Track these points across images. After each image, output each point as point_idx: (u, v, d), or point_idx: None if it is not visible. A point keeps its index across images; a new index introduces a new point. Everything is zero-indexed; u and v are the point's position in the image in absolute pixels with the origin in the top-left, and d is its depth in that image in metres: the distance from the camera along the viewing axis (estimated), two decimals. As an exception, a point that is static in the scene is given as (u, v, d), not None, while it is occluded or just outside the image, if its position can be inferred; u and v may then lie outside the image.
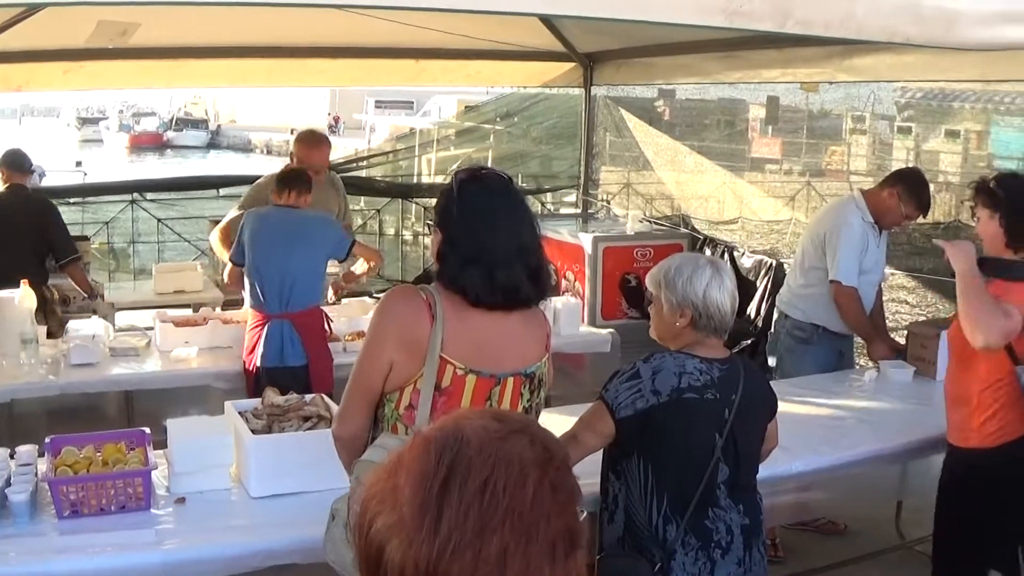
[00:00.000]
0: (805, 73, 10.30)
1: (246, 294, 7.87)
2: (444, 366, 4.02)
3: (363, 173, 15.40)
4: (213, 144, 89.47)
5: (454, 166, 14.70)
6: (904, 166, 9.16)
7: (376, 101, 61.38)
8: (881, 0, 5.66)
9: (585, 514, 1.85)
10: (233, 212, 8.93)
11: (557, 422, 4.96)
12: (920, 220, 8.25)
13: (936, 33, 6.03)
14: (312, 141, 9.31)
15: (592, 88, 13.23)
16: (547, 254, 4.35)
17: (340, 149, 18.15)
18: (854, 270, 7.78)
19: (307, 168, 8.56)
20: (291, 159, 9.27)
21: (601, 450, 4.85)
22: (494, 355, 4.12)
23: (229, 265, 8.14)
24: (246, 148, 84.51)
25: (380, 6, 7.00)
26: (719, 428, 4.65)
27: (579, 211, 13.94)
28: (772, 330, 8.64)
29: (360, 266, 8.50)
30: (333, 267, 8.61)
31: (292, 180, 8.02)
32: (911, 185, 7.84)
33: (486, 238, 4.07)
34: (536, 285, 4.17)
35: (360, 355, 4.23)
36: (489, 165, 16.25)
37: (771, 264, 11.12)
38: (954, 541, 5.86)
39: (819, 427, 6.56)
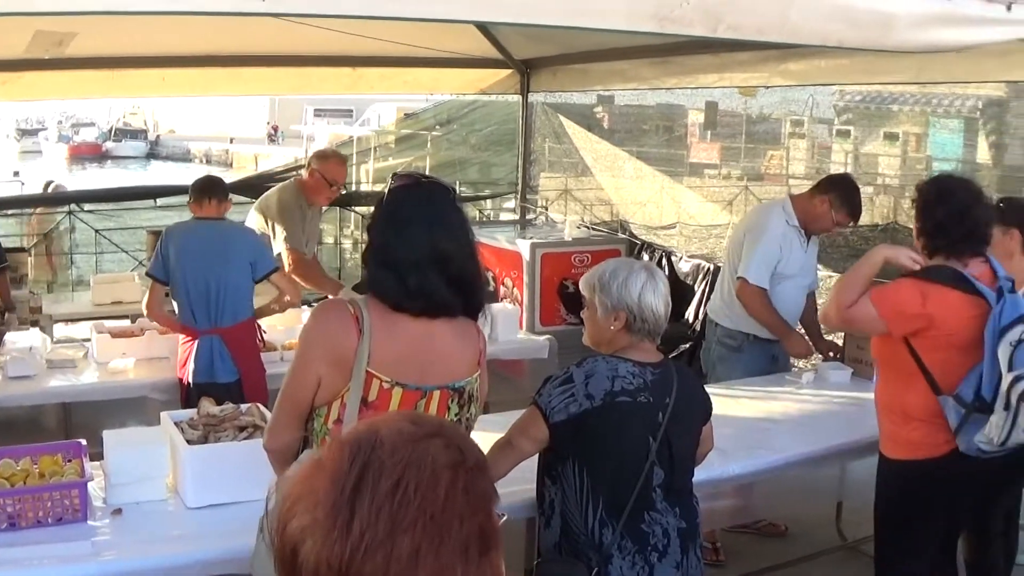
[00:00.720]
0: (741, 78, 10.33)
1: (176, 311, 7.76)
2: (370, 380, 4.01)
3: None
4: (153, 154, 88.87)
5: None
6: (839, 171, 9.16)
7: (315, 110, 61.19)
8: (815, 4, 5.69)
9: (505, 517, 1.86)
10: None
11: (495, 428, 4.99)
12: (855, 223, 8.29)
13: (871, 36, 6.08)
14: (342, 159, 9.53)
15: (529, 95, 13.22)
16: (481, 265, 4.36)
17: (279, 158, 18.11)
18: (763, 271, 7.75)
19: (336, 186, 9.01)
20: (310, 176, 9.27)
21: (537, 455, 4.85)
22: (420, 368, 4.10)
23: (146, 295, 7.93)
24: (185, 158, 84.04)
25: (314, 14, 6.97)
26: (653, 431, 4.66)
27: (517, 218, 13.92)
28: (704, 338, 8.57)
29: (272, 304, 8.31)
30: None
31: (211, 189, 7.95)
32: (843, 192, 7.85)
33: (397, 243, 4.10)
34: (460, 294, 4.16)
35: (289, 369, 4.24)
36: (427, 172, 16.29)
37: (709, 268, 11.14)
38: (892, 544, 5.92)
39: (756, 429, 6.60)
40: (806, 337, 8.17)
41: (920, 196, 5.83)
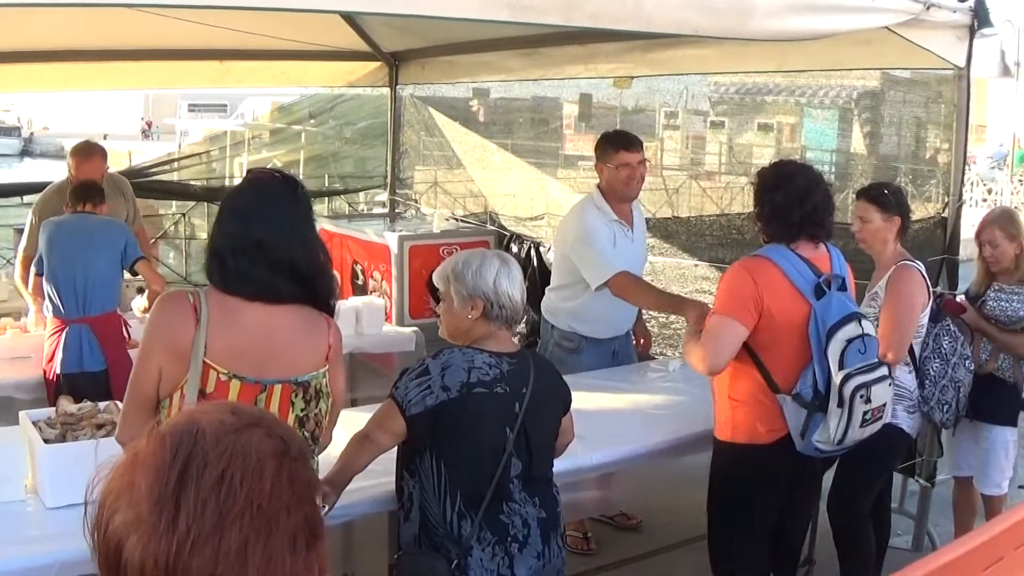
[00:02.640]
0: (607, 68, 10.36)
1: (45, 302, 7.72)
2: (208, 371, 3.97)
3: (174, 176, 15.16)
4: (27, 151, 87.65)
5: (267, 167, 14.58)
6: (714, 161, 9.16)
7: (189, 105, 60.56)
8: (672, -8, 5.71)
9: (327, 508, 1.83)
10: (25, 238, 8.83)
11: (360, 421, 4.94)
12: (724, 211, 8.32)
13: (728, 25, 6.12)
14: (85, 153, 9.18)
15: (398, 87, 13.16)
16: (320, 256, 4.34)
17: (153, 154, 17.96)
18: (613, 261, 7.38)
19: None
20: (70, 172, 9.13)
21: (396, 448, 4.82)
22: (258, 360, 4.07)
23: (32, 278, 7.94)
24: (60, 155, 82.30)
25: (176, 5, 6.90)
26: (510, 422, 4.66)
27: (387, 211, 13.85)
28: (540, 339, 8.32)
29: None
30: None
31: (87, 193, 8.00)
32: (602, 142, 7.76)
33: (218, 232, 4.18)
34: (295, 284, 4.15)
35: (135, 362, 4.19)
36: (301, 166, 16.19)
37: (575, 259, 11.08)
38: (722, 524, 6.08)
39: (621, 418, 6.61)
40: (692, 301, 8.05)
41: (759, 181, 5.93)
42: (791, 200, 5.67)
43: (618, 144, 7.61)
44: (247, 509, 1.64)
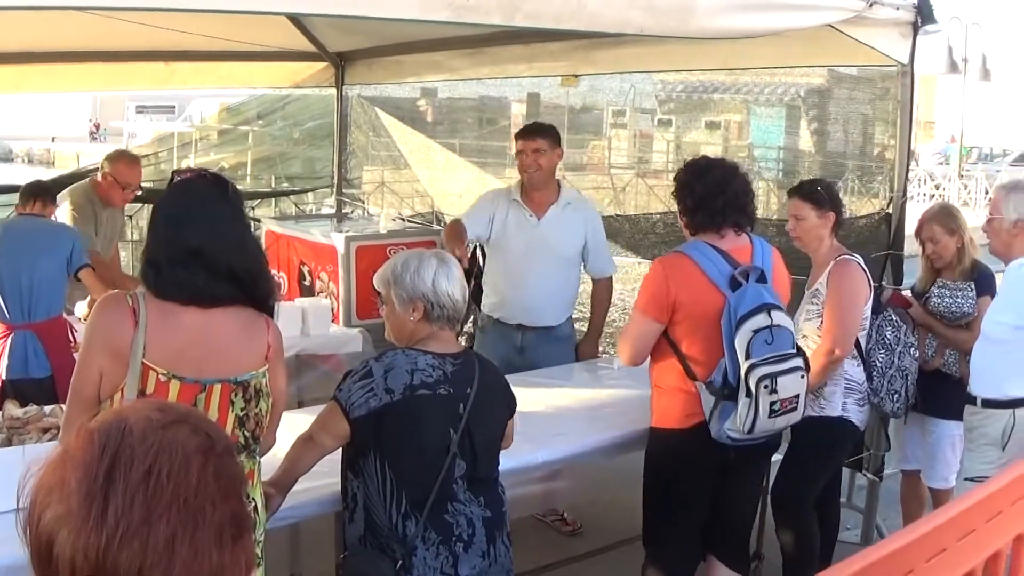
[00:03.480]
0: (552, 67, 10.39)
1: None
2: (147, 372, 3.98)
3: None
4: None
5: (215, 169, 14.51)
6: (660, 159, 9.19)
7: (137, 106, 60.40)
8: (614, -9, 5.72)
9: (254, 503, 1.85)
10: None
11: (305, 423, 4.94)
12: (670, 209, 8.38)
13: (671, 23, 6.14)
14: (132, 160, 9.40)
15: (345, 87, 13.12)
16: (258, 257, 4.40)
17: (102, 155, 17.87)
18: (471, 218, 8.07)
19: (130, 188, 8.94)
20: (103, 179, 9.22)
21: (340, 449, 4.82)
22: (196, 360, 4.08)
23: None
24: (7, 157, 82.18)
25: (117, 7, 6.88)
26: (454, 423, 4.67)
27: (335, 211, 13.83)
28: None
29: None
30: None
31: (38, 191, 8.06)
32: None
33: (153, 238, 4.20)
34: (234, 285, 4.16)
35: (76, 364, 4.18)
36: (248, 166, 16.16)
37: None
38: (654, 510, 6.13)
39: (566, 416, 6.62)
40: None
41: (679, 178, 6.04)
42: (712, 189, 5.79)
43: (519, 134, 8.14)
44: (174, 503, 1.66)
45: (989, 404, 6.41)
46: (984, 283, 7.23)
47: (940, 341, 7.36)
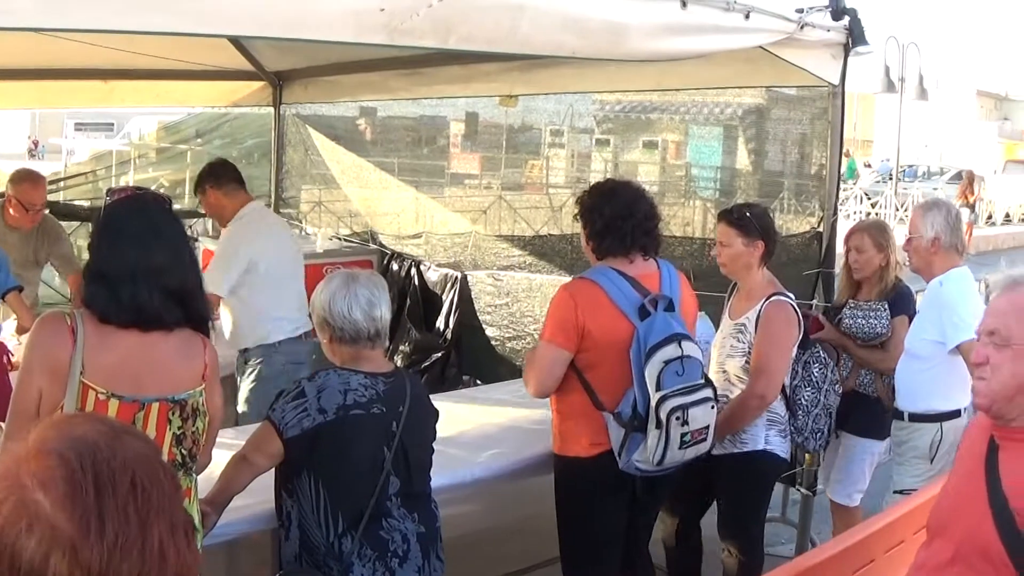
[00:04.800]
0: (488, 88, 10.43)
1: None
2: (86, 391, 3.99)
3: (60, 197, 14.99)
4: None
5: (153, 187, 14.47)
6: (599, 179, 9.30)
7: (76, 124, 59.80)
8: (547, 16, 5.72)
9: (192, 520, 1.93)
10: None
11: (241, 441, 4.97)
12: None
13: (603, 46, 6.17)
14: (36, 179, 9.02)
15: (282, 107, 13.14)
16: (201, 276, 4.44)
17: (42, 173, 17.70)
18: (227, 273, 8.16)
19: (35, 208, 8.58)
20: (7, 201, 8.85)
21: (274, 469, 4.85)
22: (135, 379, 4.10)
23: None
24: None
25: (56, 28, 6.89)
26: (387, 441, 4.73)
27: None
28: None
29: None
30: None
31: None
32: None
33: (109, 256, 4.15)
34: (179, 306, 4.18)
35: (16, 384, 4.20)
36: (187, 184, 16.11)
37: (456, 277, 11.19)
38: (569, 540, 6.09)
39: (501, 432, 6.75)
40: None
41: (583, 201, 6.00)
42: (620, 212, 5.76)
43: None
44: (158, 509, 1.74)
45: (916, 419, 6.51)
46: (901, 303, 7.29)
47: (855, 361, 7.44)
